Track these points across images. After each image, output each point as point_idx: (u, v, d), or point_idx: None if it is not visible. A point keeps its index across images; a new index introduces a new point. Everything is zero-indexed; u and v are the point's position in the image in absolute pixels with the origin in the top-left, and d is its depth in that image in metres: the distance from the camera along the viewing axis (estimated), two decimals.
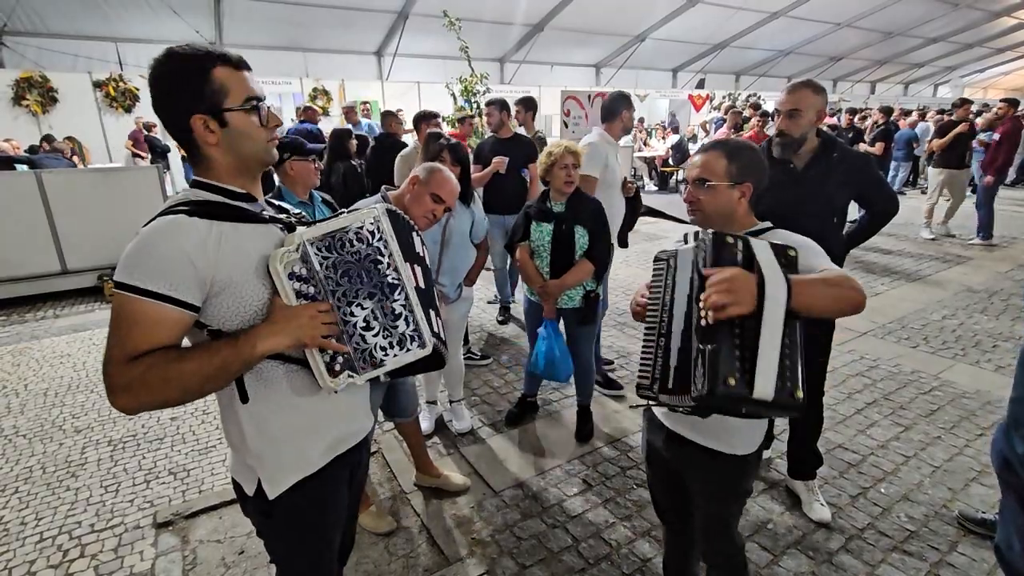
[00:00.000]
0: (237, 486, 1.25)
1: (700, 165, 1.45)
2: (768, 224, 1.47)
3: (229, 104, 1.04)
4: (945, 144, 7.01)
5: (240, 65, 1.06)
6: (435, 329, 1.23)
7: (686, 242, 1.57)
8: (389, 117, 5.03)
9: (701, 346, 1.14)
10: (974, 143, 7.02)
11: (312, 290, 1.09)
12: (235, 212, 1.08)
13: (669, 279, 1.39)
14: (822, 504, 2.41)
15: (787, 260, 1.16)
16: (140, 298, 0.96)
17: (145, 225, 1.01)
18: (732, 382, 1.07)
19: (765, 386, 1.06)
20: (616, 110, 3.28)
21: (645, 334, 1.42)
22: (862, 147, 8.43)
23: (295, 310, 1.06)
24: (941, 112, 11.79)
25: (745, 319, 1.10)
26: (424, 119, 4.16)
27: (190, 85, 1.01)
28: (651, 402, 1.40)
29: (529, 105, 4.58)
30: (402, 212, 1.26)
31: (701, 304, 1.13)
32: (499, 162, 4.13)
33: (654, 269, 1.45)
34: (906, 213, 4.57)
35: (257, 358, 1.05)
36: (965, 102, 7.21)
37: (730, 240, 1.17)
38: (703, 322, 1.13)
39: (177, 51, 1.02)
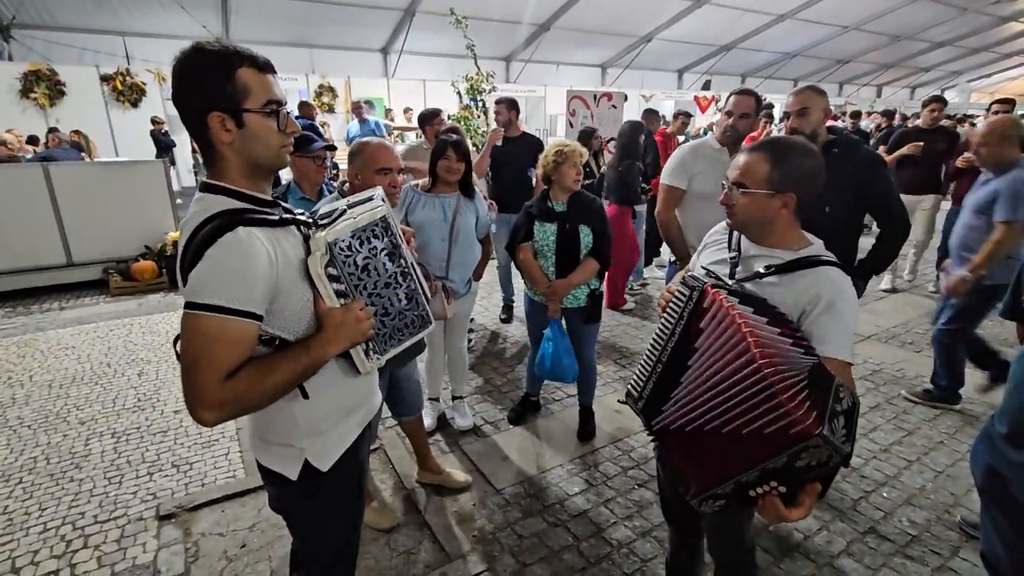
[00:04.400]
0: (273, 477, 1.26)
1: (741, 167, 1.32)
2: (816, 249, 1.33)
3: (249, 105, 1.04)
4: (893, 161, 4.95)
5: (266, 68, 1.06)
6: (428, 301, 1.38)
7: (729, 248, 1.46)
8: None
9: (730, 499, 1.17)
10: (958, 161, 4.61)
11: (343, 287, 1.15)
12: (270, 220, 1.09)
13: (687, 312, 1.26)
14: None
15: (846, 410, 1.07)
16: (228, 318, 0.98)
17: (202, 243, 0.99)
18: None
19: None
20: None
21: (650, 345, 1.35)
22: None
23: (341, 315, 1.13)
24: (888, 116, 9.62)
25: None
26: (428, 119, 4.17)
27: (214, 82, 1.01)
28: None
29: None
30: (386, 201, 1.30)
31: (767, 490, 1.10)
32: (496, 133, 4.15)
33: (679, 289, 1.31)
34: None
35: (325, 362, 1.14)
36: (935, 101, 4.98)
37: (835, 461, 1.04)
38: (752, 493, 1.11)
39: (205, 47, 1.02)
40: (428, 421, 3.02)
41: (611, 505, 2.48)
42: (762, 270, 1.32)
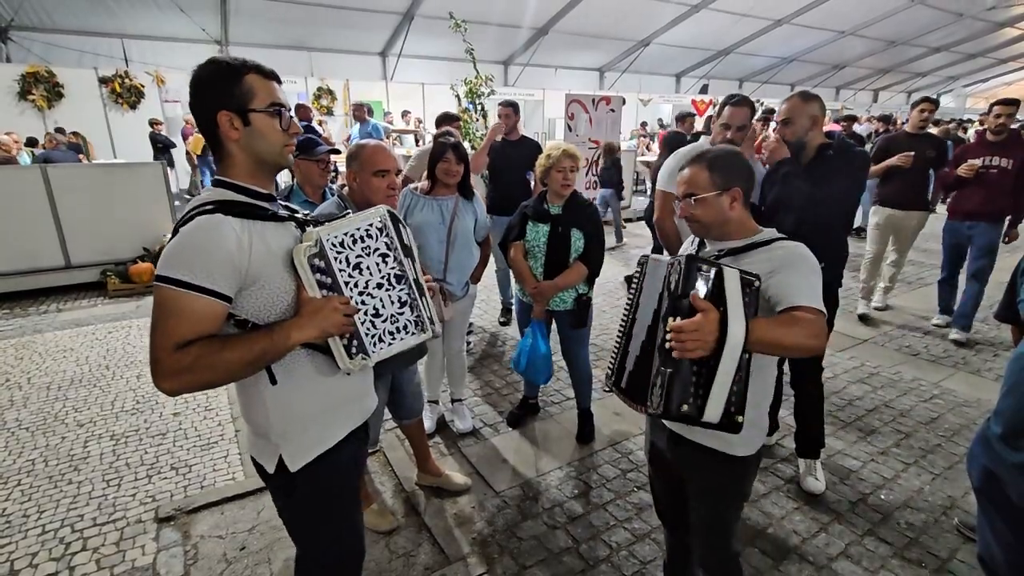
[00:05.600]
0: (259, 467, 1.32)
1: (686, 181, 1.48)
2: (769, 233, 1.46)
3: (254, 106, 1.14)
4: (880, 172, 4.36)
5: (271, 76, 1.17)
6: (430, 315, 1.39)
7: (691, 244, 1.61)
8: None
9: (663, 368, 1.23)
10: (962, 169, 4.07)
11: (329, 281, 1.18)
12: (260, 212, 1.17)
13: (641, 283, 1.47)
14: (816, 479, 2.60)
15: (751, 291, 1.21)
16: (187, 292, 1.04)
17: (182, 223, 1.09)
18: (686, 408, 1.21)
19: (714, 413, 1.20)
20: (717, 114, 2.69)
21: (618, 326, 1.52)
22: None
23: (319, 304, 1.16)
24: (885, 120, 9.38)
25: None
26: (445, 121, 4.22)
27: (223, 85, 1.13)
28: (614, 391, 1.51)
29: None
30: (391, 209, 1.33)
31: (667, 330, 1.20)
32: (498, 127, 4.20)
33: (636, 270, 1.53)
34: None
35: (290, 348, 1.15)
36: (925, 102, 4.38)
37: (703, 268, 1.21)
38: (667, 345, 1.20)
39: (218, 58, 1.15)
40: (428, 423, 3.03)
41: (610, 508, 2.49)
42: (715, 253, 1.47)
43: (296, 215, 1.25)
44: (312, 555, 1.42)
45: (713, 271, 1.20)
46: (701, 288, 1.21)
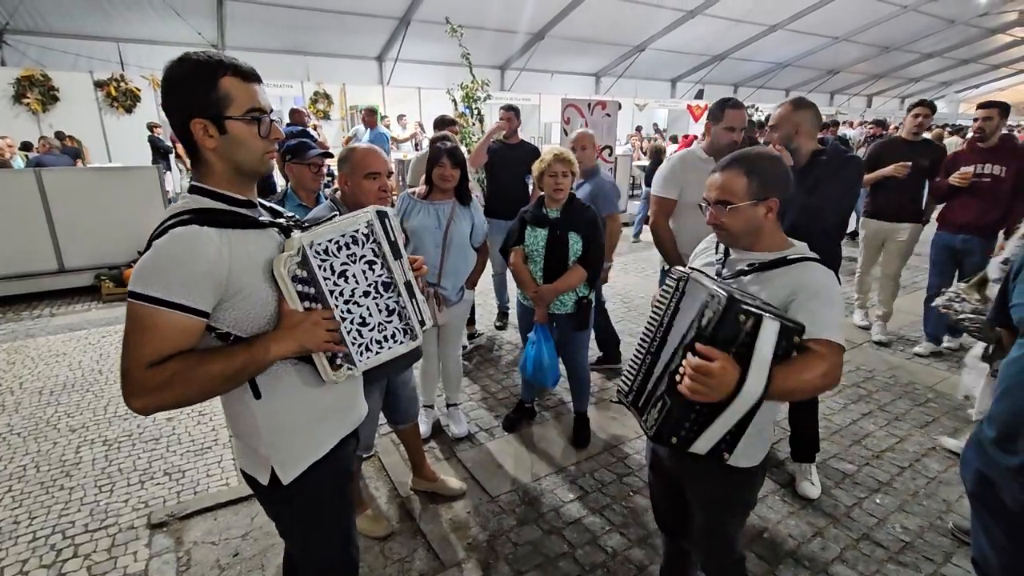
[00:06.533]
0: (250, 480, 1.30)
1: (719, 186, 1.36)
2: (800, 251, 1.39)
3: (231, 113, 1.06)
4: (873, 182, 4.07)
5: (250, 77, 1.08)
6: (420, 317, 1.33)
7: (716, 251, 1.54)
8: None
9: (667, 397, 1.22)
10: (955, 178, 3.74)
11: (313, 291, 1.14)
12: (239, 219, 1.10)
13: (674, 302, 1.35)
14: (812, 484, 2.60)
15: (786, 344, 1.16)
16: (161, 309, 0.99)
17: (156, 236, 1.02)
18: (675, 440, 1.22)
19: (702, 447, 1.22)
20: (712, 118, 2.71)
21: (639, 341, 1.43)
22: None
23: (299, 318, 1.12)
24: (879, 125, 9.47)
25: None
26: (443, 125, 4.24)
27: (196, 90, 1.04)
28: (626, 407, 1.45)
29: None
30: (384, 208, 1.29)
31: (683, 364, 1.16)
32: (498, 126, 4.25)
33: (665, 282, 1.42)
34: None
35: (271, 362, 1.11)
36: (922, 106, 4.06)
37: (742, 318, 1.12)
38: (677, 377, 1.17)
39: (191, 56, 1.05)
40: (423, 428, 3.01)
41: (606, 512, 2.48)
42: (745, 267, 1.38)
43: (279, 220, 1.19)
44: (303, 561, 1.41)
45: (751, 321, 1.11)
46: (733, 334, 1.13)
